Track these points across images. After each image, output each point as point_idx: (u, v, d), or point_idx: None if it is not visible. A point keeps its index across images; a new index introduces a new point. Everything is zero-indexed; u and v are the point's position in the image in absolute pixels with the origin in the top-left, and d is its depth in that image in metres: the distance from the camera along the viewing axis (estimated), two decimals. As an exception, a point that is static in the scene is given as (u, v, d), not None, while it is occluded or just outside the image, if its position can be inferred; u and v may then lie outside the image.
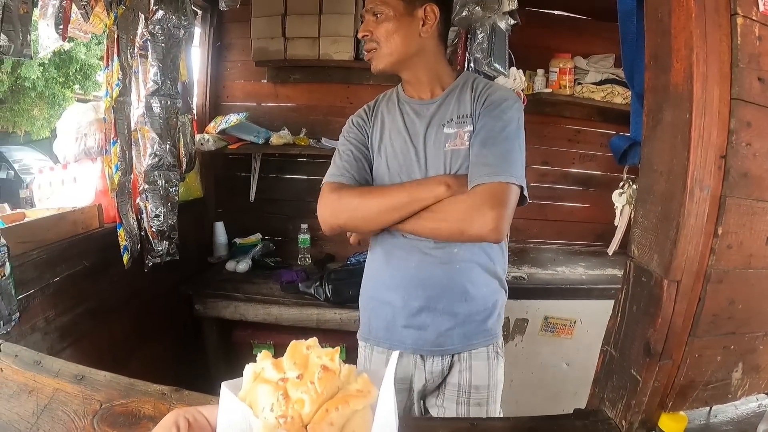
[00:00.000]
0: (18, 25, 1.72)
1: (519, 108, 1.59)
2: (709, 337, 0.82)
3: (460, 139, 1.54)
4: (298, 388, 0.51)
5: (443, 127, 1.57)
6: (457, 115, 1.57)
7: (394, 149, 1.64)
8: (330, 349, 0.56)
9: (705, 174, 0.75)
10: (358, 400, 0.52)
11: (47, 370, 1.01)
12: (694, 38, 0.72)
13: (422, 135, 1.61)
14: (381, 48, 1.57)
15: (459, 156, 1.52)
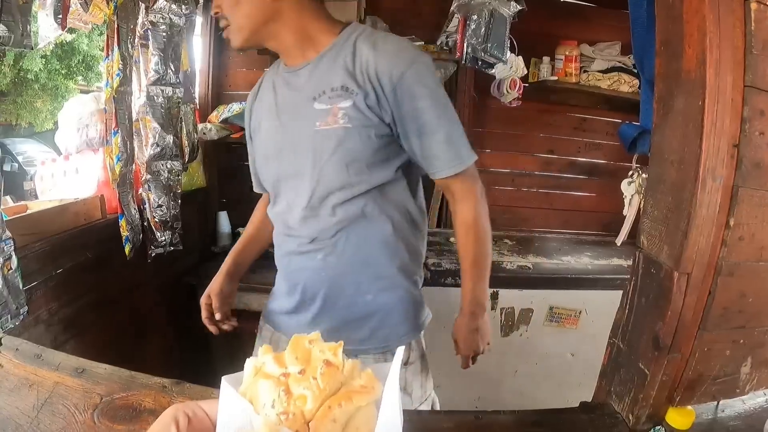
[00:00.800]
0: (18, 16, 1.70)
1: (427, 66, 1.36)
2: (718, 330, 0.80)
3: (333, 117, 1.33)
4: (300, 384, 0.50)
5: (314, 101, 1.36)
6: (331, 87, 1.34)
7: (267, 134, 1.50)
8: (333, 343, 0.55)
9: (717, 163, 0.73)
10: (362, 397, 0.51)
11: (48, 364, 1.01)
12: (707, 23, 0.70)
13: (291, 113, 1.43)
14: (231, 23, 1.37)
15: (331, 139, 1.34)
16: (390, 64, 1.31)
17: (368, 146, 1.35)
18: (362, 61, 1.32)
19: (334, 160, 1.34)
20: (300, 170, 1.41)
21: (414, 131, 1.34)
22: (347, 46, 1.36)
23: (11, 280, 1.70)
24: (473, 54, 2.40)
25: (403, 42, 1.40)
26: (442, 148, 1.35)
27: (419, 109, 1.32)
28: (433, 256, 2.59)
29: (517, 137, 3.60)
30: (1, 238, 1.68)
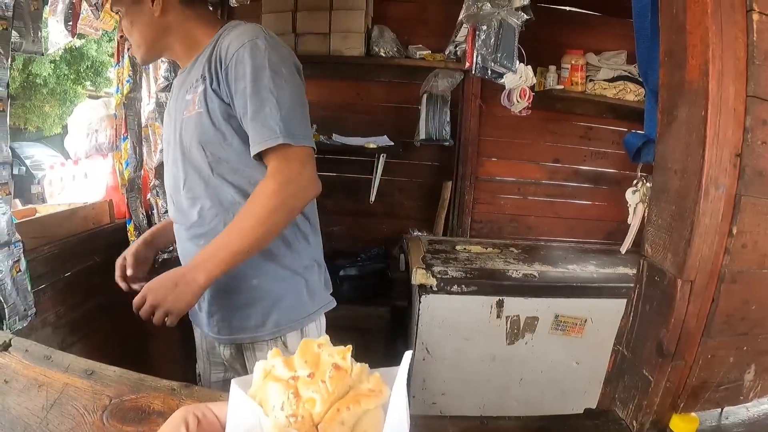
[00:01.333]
0: (29, 22, 1.73)
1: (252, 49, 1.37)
2: (722, 337, 0.81)
3: (193, 105, 1.43)
4: (309, 387, 0.51)
5: (186, 93, 1.49)
6: (195, 78, 1.45)
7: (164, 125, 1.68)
8: (342, 347, 0.55)
9: (720, 172, 0.74)
10: (370, 400, 0.52)
11: (57, 365, 1.02)
12: (709, 34, 0.71)
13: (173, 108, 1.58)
14: (131, 43, 1.55)
15: (191, 123, 1.44)
16: (228, 46, 1.40)
17: (220, 128, 1.43)
18: (216, 50, 1.42)
19: (194, 144, 1.45)
20: (175, 158, 1.54)
21: (241, 110, 1.38)
22: (210, 44, 1.47)
23: (20, 283, 1.72)
24: (483, 64, 2.41)
25: (249, 27, 1.45)
26: (254, 126, 1.36)
27: (244, 89, 1.36)
28: (439, 263, 2.59)
29: (524, 146, 3.61)
30: (11, 241, 1.70)
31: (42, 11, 1.80)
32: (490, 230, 3.78)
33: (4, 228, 1.66)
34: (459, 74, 3.38)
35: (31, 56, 1.83)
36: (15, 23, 1.67)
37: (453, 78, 3.40)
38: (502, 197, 3.74)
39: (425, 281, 2.45)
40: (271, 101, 1.35)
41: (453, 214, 3.69)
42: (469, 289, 2.45)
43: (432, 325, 2.49)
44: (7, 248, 1.68)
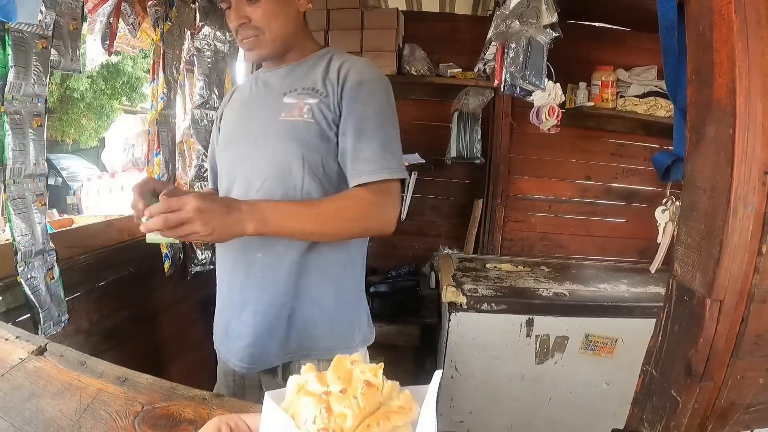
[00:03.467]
0: (68, 41, 1.80)
1: (386, 86, 1.47)
2: (751, 358, 0.79)
3: (298, 111, 1.41)
4: (341, 402, 0.52)
5: (284, 95, 1.45)
6: (303, 86, 1.45)
7: (232, 121, 1.58)
8: (374, 364, 0.57)
9: (749, 191, 0.73)
10: (400, 417, 0.53)
11: (91, 371, 1.05)
12: (736, 52, 0.70)
13: (261, 102, 1.51)
14: (265, 34, 1.44)
15: (293, 129, 1.41)
16: (355, 72, 1.43)
17: (325, 143, 1.42)
18: (334, 69, 1.45)
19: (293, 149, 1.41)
20: (254, 155, 1.47)
21: (352, 130, 1.39)
22: (324, 59, 1.50)
23: (53, 289, 1.78)
24: (512, 81, 2.42)
25: (372, 63, 1.52)
26: (375, 152, 1.38)
27: (365, 113, 1.40)
28: (469, 281, 2.59)
29: (554, 163, 3.59)
30: (45, 249, 1.77)
31: (81, 30, 1.87)
32: (521, 248, 3.75)
33: (39, 237, 1.73)
34: (489, 92, 3.38)
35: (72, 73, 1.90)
36: (54, 42, 1.75)
37: (484, 96, 3.41)
38: (533, 215, 3.71)
39: (455, 299, 2.44)
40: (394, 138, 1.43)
41: (484, 231, 3.68)
42: (499, 307, 2.43)
43: (461, 343, 2.48)
44: (41, 256, 1.74)
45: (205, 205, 1.21)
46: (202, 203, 1.20)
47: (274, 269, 1.44)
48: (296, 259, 1.44)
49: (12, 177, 1.64)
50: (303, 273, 1.45)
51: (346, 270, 1.53)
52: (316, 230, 1.37)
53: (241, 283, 1.49)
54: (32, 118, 1.70)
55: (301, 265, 1.45)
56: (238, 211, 1.26)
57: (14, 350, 1.11)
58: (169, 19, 2.35)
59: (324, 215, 1.36)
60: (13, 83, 1.61)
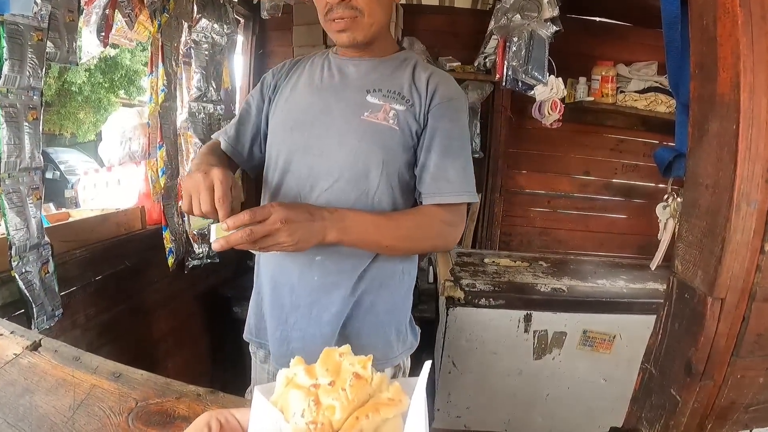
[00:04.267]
0: (64, 33, 1.79)
1: (466, 104, 1.50)
2: (752, 357, 0.79)
3: (383, 114, 1.37)
4: (329, 395, 0.52)
5: (367, 93, 1.39)
6: (388, 88, 1.39)
7: (299, 104, 1.47)
8: (363, 357, 0.57)
9: (752, 188, 0.72)
10: (389, 409, 0.53)
11: (85, 367, 1.04)
12: (740, 46, 0.69)
13: (338, 93, 1.43)
14: (364, 17, 1.34)
15: (376, 132, 1.36)
16: (444, 86, 1.40)
17: (405, 153, 1.39)
18: (421, 79, 1.41)
19: (375, 154, 1.36)
20: (327, 149, 1.40)
21: (439, 148, 1.37)
22: (408, 63, 1.46)
23: (48, 283, 1.77)
24: (514, 76, 2.41)
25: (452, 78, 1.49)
26: (459, 176, 1.38)
27: (453, 133, 1.38)
28: (467, 276, 2.58)
29: (554, 158, 3.58)
30: (41, 243, 1.76)
31: (77, 22, 1.85)
32: (520, 243, 3.75)
33: (34, 231, 1.72)
34: (489, 86, 3.37)
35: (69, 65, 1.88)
36: (50, 34, 1.73)
37: (483, 90, 3.40)
38: (531, 210, 3.71)
39: (453, 294, 2.44)
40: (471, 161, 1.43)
41: (482, 226, 3.67)
42: (497, 302, 2.42)
43: (459, 339, 2.48)
44: (36, 250, 1.74)
45: (291, 214, 1.19)
46: (288, 212, 1.18)
47: (334, 274, 1.41)
48: (359, 266, 1.42)
49: (7, 170, 1.63)
50: (362, 279, 1.42)
51: (403, 279, 1.52)
52: (391, 244, 1.37)
53: (292, 284, 1.44)
54: (28, 111, 1.69)
55: (362, 272, 1.42)
56: (321, 219, 1.24)
57: (8, 346, 1.10)
58: (167, 11, 2.33)
59: (402, 231, 1.37)
60: (8, 76, 1.60)
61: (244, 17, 3.38)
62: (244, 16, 3.35)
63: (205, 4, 2.57)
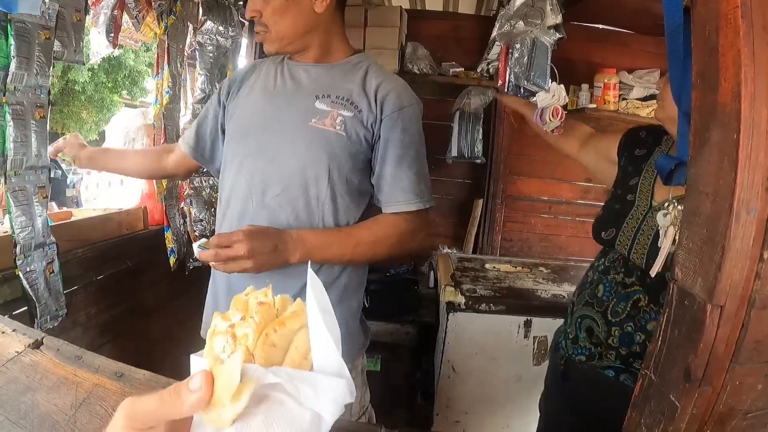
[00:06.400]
0: (71, 32, 1.80)
1: (420, 111, 1.53)
2: (751, 364, 0.79)
3: (331, 120, 1.41)
4: (242, 328, 0.55)
5: (316, 99, 1.43)
6: (337, 94, 1.43)
7: (253, 109, 1.52)
8: (264, 288, 0.62)
9: (752, 196, 0.73)
10: (293, 320, 0.57)
11: (88, 366, 1.04)
12: (741, 56, 0.70)
13: (288, 98, 1.47)
14: (271, 32, 1.43)
15: (324, 138, 1.41)
16: (397, 94, 1.45)
17: (352, 159, 1.44)
18: (372, 84, 1.45)
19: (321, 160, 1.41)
20: (274, 155, 1.45)
21: (393, 157, 1.43)
22: (360, 68, 1.49)
23: (52, 283, 1.77)
24: (516, 82, 2.41)
25: (407, 84, 1.54)
26: (412, 182, 1.44)
27: (406, 141, 1.44)
28: (468, 282, 2.58)
29: (555, 165, 3.59)
30: (46, 243, 1.76)
31: (84, 22, 1.87)
32: (520, 249, 3.75)
33: (40, 230, 1.72)
34: (492, 92, 3.38)
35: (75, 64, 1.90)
36: (57, 33, 1.74)
37: (486, 96, 3.40)
38: (532, 216, 3.72)
39: (453, 299, 2.44)
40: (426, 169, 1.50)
41: (483, 232, 3.68)
42: (497, 308, 2.43)
43: (459, 344, 2.48)
44: (41, 249, 1.74)
45: (256, 245, 1.27)
46: (253, 244, 1.27)
47: (285, 276, 1.43)
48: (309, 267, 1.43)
49: (13, 168, 1.64)
50: None
51: (349, 277, 1.55)
52: (354, 258, 1.45)
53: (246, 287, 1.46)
54: (35, 110, 1.70)
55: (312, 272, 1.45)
56: (284, 244, 1.33)
57: (10, 343, 1.10)
58: (174, 13, 2.35)
59: (364, 244, 1.43)
60: (15, 74, 1.61)
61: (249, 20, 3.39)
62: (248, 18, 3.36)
63: (210, 6, 2.58)
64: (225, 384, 0.51)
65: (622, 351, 1.50)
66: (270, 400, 0.53)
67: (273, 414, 0.53)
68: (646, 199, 1.56)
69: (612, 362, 1.53)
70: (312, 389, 0.54)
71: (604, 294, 1.58)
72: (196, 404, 0.52)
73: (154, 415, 0.53)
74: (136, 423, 0.53)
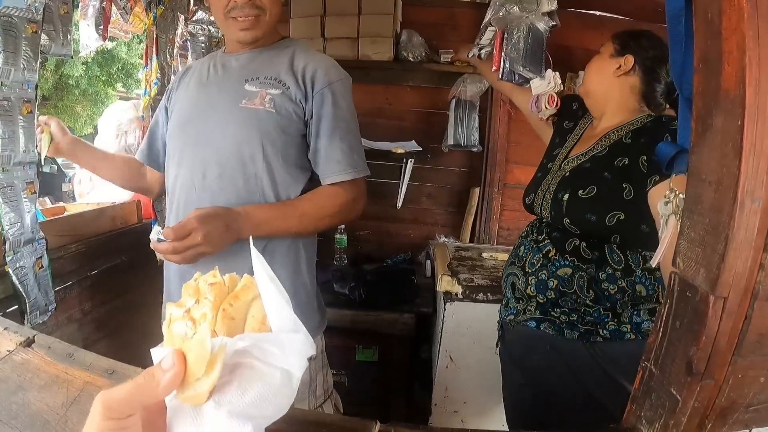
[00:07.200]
0: (59, 25, 1.77)
1: (350, 86, 1.61)
2: (753, 357, 0.78)
3: (260, 99, 1.48)
4: (198, 309, 0.57)
5: (245, 82, 1.50)
6: (265, 75, 1.50)
7: (188, 102, 1.59)
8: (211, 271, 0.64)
9: (757, 184, 0.71)
10: (246, 292, 0.60)
11: (79, 363, 1.03)
12: (746, 40, 0.68)
13: (219, 86, 1.55)
14: (266, 15, 1.50)
15: (254, 117, 1.47)
16: (325, 70, 1.53)
17: (284, 134, 1.50)
18: (299, 63, 1.52)
19: (253, 137, 1.47)
20: (210, 139, 1.51)
21: (326, 131, 1.51)
22: (287, 51, 1.57)
23: (42, 279, 1.76)
24: (511, 68, 2.39)
25: (334, 60, 1.65)
26: (345, 154, 1.52)
27: (337, 115, 1.51)
28: (465, 271, 2.57)
29: (552, 152, 3.56)
30: (35, 238, 1.75)
31: (72, 15, 1.84)
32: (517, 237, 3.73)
33: (29, 225, 1.71)
34: (485, 78, 3.35)
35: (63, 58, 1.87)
36: (44, 26, 1.71)
37: (482, 83, 3.37)
38: (529, 204, 3.70)
39: (451, 288, 2.43)
40: (358, 139, 1.60)
41: (480, 220, 3.66)
42: (495, 297, 2.42)
43: (456, 333, 2.47)
44: (30, 245, 1.72)
45: (209, 228, 1.33)
46: (207, 228, 1.32)
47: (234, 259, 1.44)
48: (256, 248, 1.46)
49: (1, 165, 1.62)
50: None
51: (299, 254, 1.60)
52: (300, 229, 1.52)
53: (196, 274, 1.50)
54: (22, 105, 1.67)
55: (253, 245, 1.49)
56: (234, 222, 1.39)
57: (2, 342, 1.09)
58: (162, 3, 2.32)
59: (307, 215, 1.51)
60: (1, 69, 1.58)
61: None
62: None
63: (201, -4, 2.55)
64: (196, 357, 0.53)
65: (540, 299, 1.71)
66: (241, 367, 0.56)
67: (246, 378, 0.55)
68: (559, 164, 1.86)
69: (533, 314, 1.74)
70: (277, 348, 0.57)
71: (523, 252, 1.85)
72: (171, 382, 0.53)
73: (130, 401, 0.53)
74: (113, 413, 0.52)
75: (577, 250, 1.65)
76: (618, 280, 1.60)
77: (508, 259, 1.98)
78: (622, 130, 1.69)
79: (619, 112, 1.75)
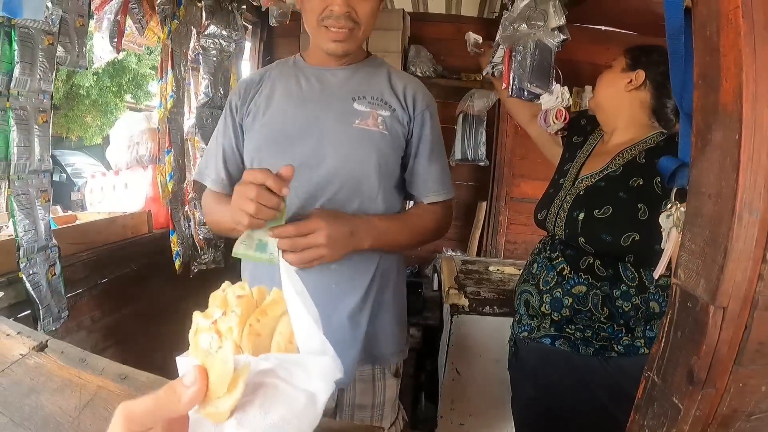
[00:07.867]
0: (74, 37, 1.81)
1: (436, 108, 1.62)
2: (754, 366, 0.79)
3: (373, 120, 1.45)
4: (225, 323, 0.56)
5: (353, 101, 1.45)
6: (372, 95, 1.47)
7: (283, 115, 1.46)
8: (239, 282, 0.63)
9: (754, 197, 0.72)
10: (274, 307, 0.59)
11: (92, 368, 1.05)
12: (743, 56, 0.70)
13: (323, 102, 1.46)
14: (360, 30, 1.41)
15: (370, 138, 1.44)
16: (423, 92, 1.56)
17: (395, 154, 1.51)
18: (399, 84, 1.53)
19: (371, 159, 1.45)
20: (323, 161, 1.43)
21: (426, 153, 1.54)
22: (382, 69, 1.56)
23: (54, 285, 1.79)
24: (519, 85, 2.41)
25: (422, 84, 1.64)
26: (443, 176, 1.58)
27: (434, 138, 1.56)
28: (472, 284, 2.58)
29: (559, 167, 3.57)
30: (48, 246, 1.77)
31: (87, 27, 1.88)
32: (524, 251, 3.74)
33: (42, 233, 1.74)
34: (495, 94, 3.38)
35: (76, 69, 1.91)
36: (60, 38, 1.76)
37: (489, 98, 3.40)
38: (536, 218, 3.70)
39: (457, 301, 2.44)
40: (445, 160, 1.65)
41: (487, 234, 3.67)
42: (501, 310, 2.43)
43: (463, 346, 2.48)
44: (44, 252, 1.75)
45: (335, 231, 1.28)
46: (333, 230, 1.28)
47: (353, 280, 1.45)
48: (370, 267, 1.50)
49: (16, 173, 1.65)
50: (374, 280, 1.50)
51: (399, 271, 1.63)
52: (406, 242, 1.53)
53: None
54: (38, 114, 1.71)
55: (374, 272, 1.50)
56: (358, 229, 1.35)
57: (15, 346, 1.11)
58: (177, 17, 2.36)
59: (414, 229, 1.53)
60: (18, 79, 1.62)
61: (252, 24, 3.41)
62: (252, 22, 3.38)
63: (214, 10, 2.59)
64: (219, 375, 0.52)
65: (555, 317, 1.71)
66: (264, 387, 0.54)
67: (269, 399, 0.54)
68: (572, 180, 1.85)
69: (547, 331, 1.74)
70: (302, 370, 0.55)
71: (537, 270, 1.83)
72: (193, 398, 0.52)
73: (152, 415, 0.53)
74: (134, 425, 0.53)
75: (592, 267, 1.66)
76: (632, 297, 1.61)
77: (520, 276, 1.99)
78: (635, 149, 1.70)
79: (631, 128, 1.77)
